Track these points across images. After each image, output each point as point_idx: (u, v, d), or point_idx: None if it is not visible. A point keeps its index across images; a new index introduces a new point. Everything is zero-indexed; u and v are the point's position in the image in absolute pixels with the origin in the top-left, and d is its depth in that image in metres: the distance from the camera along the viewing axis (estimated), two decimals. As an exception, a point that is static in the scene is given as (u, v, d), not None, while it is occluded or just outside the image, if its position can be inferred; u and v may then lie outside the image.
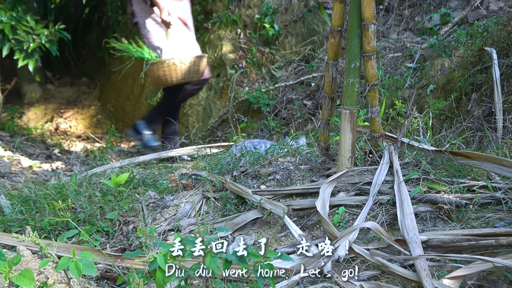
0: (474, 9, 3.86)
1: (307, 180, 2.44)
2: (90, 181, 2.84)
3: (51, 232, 2.30)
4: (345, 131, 2.27)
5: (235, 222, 2.18)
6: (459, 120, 2.84)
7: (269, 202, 2.15)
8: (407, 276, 1.53)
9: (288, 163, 2.63)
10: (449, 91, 3.17)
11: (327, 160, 2.57)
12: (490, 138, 2.57)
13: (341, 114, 2.29)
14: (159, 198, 2.65)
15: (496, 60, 2.87)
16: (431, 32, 4.00)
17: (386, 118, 3.10)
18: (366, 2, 2.11)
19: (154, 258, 1.33)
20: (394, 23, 4.34)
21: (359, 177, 2.20)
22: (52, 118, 6.70)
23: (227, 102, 4.93)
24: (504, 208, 1.83)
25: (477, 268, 1.48)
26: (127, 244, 2.21)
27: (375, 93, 2.26)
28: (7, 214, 2.52)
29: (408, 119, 2.39)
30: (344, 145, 2.28)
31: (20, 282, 1.33)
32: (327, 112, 2.45)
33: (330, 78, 2.36)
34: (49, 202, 2.51)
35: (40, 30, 4.96)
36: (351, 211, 2.06)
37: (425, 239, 1.68)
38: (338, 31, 2.28)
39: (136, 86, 6.41)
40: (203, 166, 2.94)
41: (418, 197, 1.95)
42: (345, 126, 2.26)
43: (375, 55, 2.22)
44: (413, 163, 2.23)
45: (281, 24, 4.92)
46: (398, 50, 3.99)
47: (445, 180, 2.04)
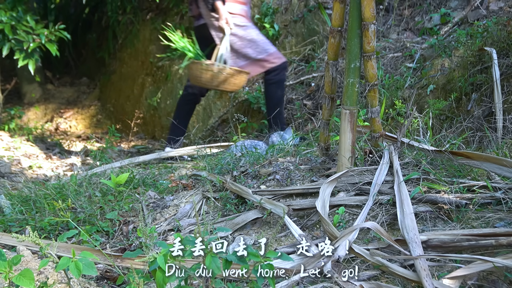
0: (474, 9, 3.86)
1: (307, 180, 2.44)
2: (90, 181, 2.84)
3: (51, 232, 2.30)
4: (345, 131, 2.27)
5: (235, 222, 2.18)
6: (459, 120, 2.84)
7: (269, 202, 2.15)
8: (407, 276, 1.53)
9: (288, 163, 2.63)
10: (449, 91, 3.17)
11: (327, 160, 2.57)
12: (490, 138, 2.57)
13: (341, 114, 2.29)
14: (159, 198, 2.65)
15: (496, 60, 2.87)
16: (431, 32, 4.00)
17: (386, 118, 3.10)
18: (366, 2, 2.11)
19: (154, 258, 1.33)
20: (394, 23, 4.34)
21: (359, 177, 2.20)
22: (52, 118, 6.70)
23: (227, 102, 4.93)
24: (504, 208, 1.83)
25: (477, 268, 1.48)
26: (127, 244, 2.21)
27: (375, 93, 2.26)
28: (7, 214, 2.52)
29: (408, 119, 2.39)
30: (344, 145, 2.28)
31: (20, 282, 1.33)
32: (327, 112, 2.45)
33: (330, 78, 2.36)
34: (49, 202, 2.51)
35: (40, 30, 4.96)
36: (351, 211, 2.06)
37: (425, 239, 1.68)
38: (338, 31, 2.28)
39: (136, 86, 6.41)
40: (203, 166, 2.94)
41: (418, 197, 1.95)
42: (345, 126, 2.26)
43: (375, 55, 2.22)
44: (413, 163, 2.23)
45: (281, 24, 4.93)
46: (398, 50, 3.99)
47: (445, 180, 2.04)
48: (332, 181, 2.16)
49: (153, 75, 6.11)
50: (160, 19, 6.14)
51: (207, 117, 5.10)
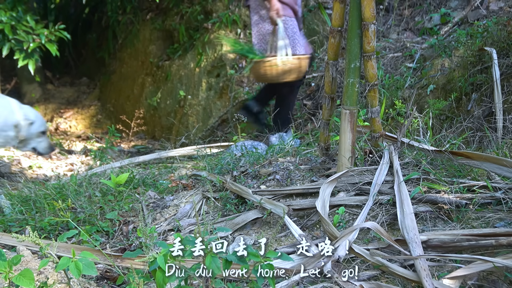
0: (474, 9, 3.86)
1: (307, 180, 2.44)
2: (90, 181, 2.84)
3: (51, 232, 2.30)
4: (345, 131, 2.27)
5: (235, 222, 2.18)
6: (459, 120, 2.84)
7: (269, 202, 2.15)
8: (407, 276, 1.53)
9: (288, 163, 2.63)
10: (449, 91, 3.17)
11: (327, 160, 2.57)
12: (490, 138, 2.57)
13: (341, 114, 2.29)
14: (159, 198, 2.65)
15: (496, 60, 2.87)
16: (431, 32, 4.00)
17: (386, 118, 3.10)
18: (366, 2, 2.11)
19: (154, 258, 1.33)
20: (394, 23, 4.34)
21: (359, 177, 2.20)
22: (52, 118, 6.70)
23: (227, 102, 4.93)
24: (504, 208, 1.83)
25: (477, 268, 1.48)
26: (127, 244, 2.21)
27: (375, 93, 2.26)
28: (7, 214, 2.52)
29: (408, 119, 2.39)
30: (344, 145, 2.28)
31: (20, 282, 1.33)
32: (327, 112, 2.45)
33: (330, 78, 2.36)
34: (49, 202, 2.51)
35: (40, 30, 4.96)
36: (351, 211, 2.06)
37: (425, 239, 1.68)
38: (338, 31, 2.28)
39: (136, 86, 6.40)
40: (203, 166, 2.94)
41: (418, 197, 1.95)
42: (345, 126, 2.26)
43: (375, 55, 2.22)
44: (413, 163, 2.23)
45: (281, 24, 4.91)
46: (398, 50, 3.99)
47: (445, 180, 2.04)
48: (332, 181, 2.16)
49: (153, 75, 6.11)
50: (160, 19, 6.14)
51: (207, 117, 5.10)
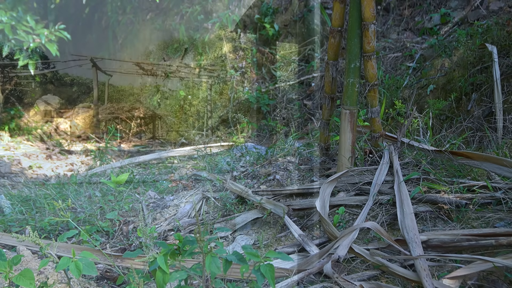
0: (474, 9, 3.86)
1: (307, 180, 2.44)
2: (90, 181, 2.84)
3: (51, 232, 2.30)
4: (345, 131, 2.27)
5: (235, 222, 2.18)
6: (459, 120, 2.84)
7: (269, 202, 2.15)
8: (407, 276, 1.53)
9: (288, 163, 2.63)
10: (449, 91, 3.17)
11: (327, 160, 2.57)
12: (490, 138, 2.57)
13: (341, 114, 2.29)
14: (159, 198, 2.65)
15: (497, 58, 2.86)
16: (431, 32, 4.00)
17: (386, 118, 3.10)
18: (366, 2, 2.11)
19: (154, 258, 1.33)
20: (394, 23, 4.33)
21: (359, 177, 2.20)
22: (52, 118, 6.69)
23: (227, 102, 4.93)
24: (504, 208, 1.83)
25: (477, 268, 1.48)
26: (127, 244, 2.21)
27: (375, 93, 2.26)
28: (7, 214, 2.52)
29: (408, 119, 2.39)
30: (344, 145, 2.28)
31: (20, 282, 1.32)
32: (327, 112, 2.45)
33: (330, 78, 2.36)
34: (49, 202, 2.51)
35: (40, 30, 4.96)
36: (351, 211, 2.06)
37: (425, 239, 1.68)
38: (338, 31, 2.28)
39: (136, 86, 6.40)
40: (203, 166, 2.94)
41: (418, 197, 1.95)
42: (345, 126, 2.26)
43: (375, 55, 2.22)
44: (413, 163, 2.23)
45: (281, 24, 4.92)
46: (398, 50, 3.99)
47: (445, 180, 2.04)
48: (332, 181, 2.16)
49: (153, 75, 6.10)
50: (160, 19, 6.13)
51: (207, 117, 5.10)
